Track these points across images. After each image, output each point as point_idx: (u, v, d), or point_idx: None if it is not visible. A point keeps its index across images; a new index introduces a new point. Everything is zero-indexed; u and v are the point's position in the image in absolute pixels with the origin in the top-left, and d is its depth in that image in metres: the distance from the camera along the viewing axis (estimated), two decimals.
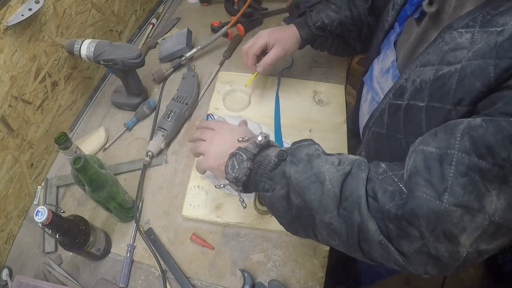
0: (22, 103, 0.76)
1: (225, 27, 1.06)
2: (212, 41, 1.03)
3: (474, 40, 0.40)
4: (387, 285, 1.52)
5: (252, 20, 1.14)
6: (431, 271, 0.39)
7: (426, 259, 0.39)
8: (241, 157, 0.50)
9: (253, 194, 0.76)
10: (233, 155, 0.51)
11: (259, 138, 0.51)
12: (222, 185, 0.59)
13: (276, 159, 0.48)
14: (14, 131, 0.75)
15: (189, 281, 0.68)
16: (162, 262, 0.71)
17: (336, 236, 0.44)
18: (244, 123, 0.66)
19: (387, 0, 0.64)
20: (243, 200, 0.58)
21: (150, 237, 0.74)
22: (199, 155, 0.61)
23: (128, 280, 0.70)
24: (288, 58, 0.96)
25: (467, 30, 0.41)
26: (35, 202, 0.82)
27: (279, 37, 0.79)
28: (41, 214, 0.54)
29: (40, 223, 0.54)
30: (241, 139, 0.55)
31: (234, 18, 1.06)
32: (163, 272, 0.69)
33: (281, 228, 0.73)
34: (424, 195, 0.37)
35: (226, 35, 1.09)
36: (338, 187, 0.42)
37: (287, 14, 1.17)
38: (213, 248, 0.73)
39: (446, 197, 0.35)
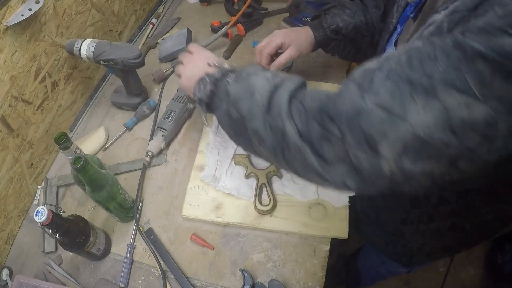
0: (22, 103, 0.76)
1: (225, 27, 1.06)
2: (212, 41, 1.03)
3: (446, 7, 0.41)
4: (387, 285, 1.51)
5: (252, 20, 1.14)
6: (349, 183, 0.38)
7: (346, 168, 0.37)
8: (206, 81, 0.55)
9: (253, 194, 0.76)
10: (200, 79, 0.56)
11: (226, 65, 0.57)
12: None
13: (227, 78, 0.52)
14: (14, 131, 0.75)
15: (189, 281, 0.68)
16: (162, 262, 0.71)
17: (263, 144, 0.45)
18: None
19: (393, 4, 0.67)
20: (206, 119, 0.68)
21: (150, 237, 0.74)
22: (179, 76, 0.67)
23: (128, 280, 0.70)
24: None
25: (444, 7, 0.42)
26: (35, 202, 0.82)
27: (294, 38, 0.79)
28: (41, 214, 0.54)
29: (40, 223, 0.54)
30: (211, 64, 0.59)
31: (234, 18, 1.06)
32: (163, 272, 0.69)
33: (281, 228, 0.73)
34: (350, 93, 0.37)
35: (226, 35, 1.09)
36: (266, 96, 0.44)
37: (287, 14, 1.16)
38: (213, 248, 0.73)
39: (369, 96, 0.35)
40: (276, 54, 0.81)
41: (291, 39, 0.79)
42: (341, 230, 0.72)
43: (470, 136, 0.31)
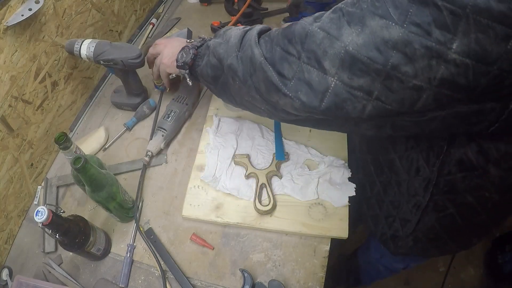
0: (22, 103, 0.76)
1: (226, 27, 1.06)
2: None
3: None
4: (387, 285, 1.52)
5: (252, 20, 1.14)
6: (302, 97, 0.45)
7: (300, 83, 0.45)
8: (188, 48, 0.66)
9: (253, 194, 0.76)
10: (182, 48, 0.67)
11: (203, 35, 0.68)
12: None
13: (209, 38, 0.65)
14: (14, 131, 0.75)
15: (189, 281, 0.68)
16: (162, 262, 0.71)
17: (236, 77, 0.54)
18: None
19: None
20: (190, 80, 0.70)
21: (150, 237, 0.74)
22: (155, 67, 0.79)
23: (128, 280, 0.70)
24: None
25: None
26: (35, 202, 0.82)
27: None
28: (41, 214, 0.54)
29: (40, 223, 0.54)
30: (189, 41, 0.69)
31: (234, 18, 1.06)
32: (163, 272, 0.69)
33: (281, 228, 0.73)
34: (304, 21, 0.46)
35: None
36: (239, 37, 0.55)
37: (287, 14, 1.16)
38: (213, 248, 0.73)
39: (316, 23, 0.44)
40: None
41: None
42: (341, 230, 0.72)
43: (391, 54, 0.37)
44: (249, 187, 0.78)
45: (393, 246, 0.78)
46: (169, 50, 0.73)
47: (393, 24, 0.37)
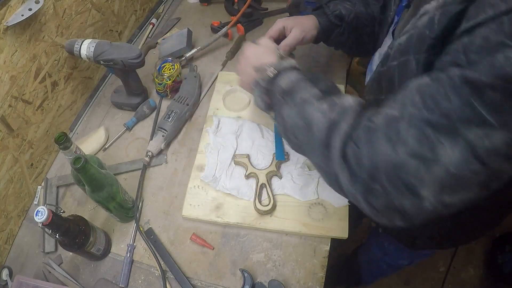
0: (22, 103, 0.76)
1: (225, 27, 1.06)
2: (212, 41, 1.03)
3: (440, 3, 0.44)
4: (387, 285, 1.51)
5: (252, 20, 1.14)
6: (398, 223, 0.41)
7: (393, 212, 0.40)
8: (259, 91, 0.60)
9: (253, 194, 0.76)
10: (254, 86, 0.61)
11: (268, 72, 0.58)
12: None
13: (280, 97, 0.55)
14: (14, 131, 0.75)
15: (189, 281, 0.68)
16: (162, 262, 0.71)
17: (325, 176, 0.48)
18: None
19: None
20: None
21: (150, 237, 0.74)
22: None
23: (128, 280, 0.70)
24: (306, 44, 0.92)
25: None
26: (35, 202, 0.82)
27: (298, 21, 0.78)
28: (41, 214, 0.54)
29: (40, 223, 0.54)
30: (257, 68, 0.61)
31: (235, 18, 1.06)
32: (163, 272, 0.69)
33: (281, 228, 0.73)
34: (382, 149, 0.39)
35: (226, 35, 1.09)
36: (324, 134, 0.45)
37: (287, 14, 1.16)
38: (213, 248, 0.73)
39: (400, 148, 0.37)
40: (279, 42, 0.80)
41: (294, 22, 0.78)
42: (341, 230, 0.72)
43: (495, 161, 0.34)
44: (249, 187, 0.78)
45: (410, 242, 0.79)
46: (242, 77, 0.69)
47: (492, 129, 0.33)
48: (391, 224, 0.42)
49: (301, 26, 0.77)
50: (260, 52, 0.65)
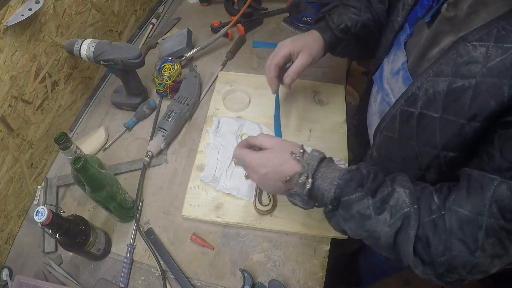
0: (22, 103, 0.76)
1: (225, 27, 1.06)
2: (212, 41, 1.03)
3: (488, 55, 0.41)
4: (387, 285, 1.51)
5: (252, 20, 1.14)
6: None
7: (461, 282, 0.47)
8: (300, 202, 0.55)
9: (253, 194, 0.76)
10: (290, 197, 0.56)
11: (300, 180, 0.53)
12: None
13: (330, 206, 0.52)
14: (14, 131, 0.75)
15: (189, 281, 0.68)
16: (162, 262, 0.71)
17: (389, 257, 0.52)
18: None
19: (397, 1, 0.64)
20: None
21: (150, 237, 0.74)
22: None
23: (128, 280, 0.70)
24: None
25: (481, 43, 0.42)
26: (35, 202, 0.82)
27: (304, 43, 0.73)
28: (41, 214, 0.54)
29: (40, 223, 0.54)
30: (284, 181, 0.55)
31: (235, 18, 1.06)
32: (163, 272, 0.69)
33: (281, 228, 0.73)
34: (460, 253, 0.43)
35: (226, 35, 1.09)
36: (392, 241, 0.48)
37: (287, 14, 1.16)
38: (213, 248, 0.73)
39: (478, 253, 0.42)
40: (284, 69, 0.75)
41: (300, 45, 0.72)
42: None
43: None
44: (249, 187, 0.77)
45: None
46: (263, 184, 0.60)
47: None
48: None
49: (309, 50, 0.73)
50: (274, 161, 0.57)
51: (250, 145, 0.63)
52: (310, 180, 0.52)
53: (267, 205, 0.73)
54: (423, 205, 0.47)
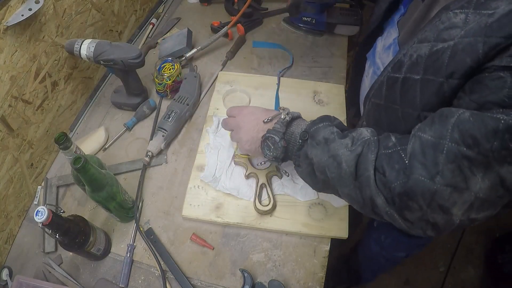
0: (22, 103, 0.76)
1: (226, 27, 1.06)
2: (212, 41, 1.03)
3: (467, 20, 0.43)
4: (387, 285, 1.52)
5: (252, 20, 1.14)
6: (430, 233, 0.47)
7: (425, 225, 0.46)
8: (273, 139, 0.60)
9: (253, 194, 0.76)
10: (266, 138, 0.61)
11: (282, 116, 0.61)
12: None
13: (300, 140, 0.57)
14: (14, 131, 0.75)
15: (189, 281, 0.68)
16: (162, 262, 0.71)
17: (355, 203, 0.53)
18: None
19: None
20: (285, 171, 0.72)
21: (150, 237, 0.74)
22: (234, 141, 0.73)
23: (128, 280, 0.70)
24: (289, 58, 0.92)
25: (461, 11, 0.44)
26: (35, 202, 0.82)
27: None
28: (41, 214, 0.54)
29: (40, 223, 0.54)
30: (266, 120, 0.63)
31: (235, 18, 1.06)
32: (163, 272, 0.69)
33: (281, 228, 0.73)
34: (420, 177, 0.43)
35: (226, 35, 1.09)
36: (353, 167, 0.50)
37: (287, 14, 1.16)
38: (213, 248, 0.73)
39: (437, 179, 0.42)
40: None
41: None
42: (341, 230, 0.72)
43: None
44: (249, 187, 0.78)
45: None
46: (246, 136, 0.67)
47: None
48: (423, 234, 0.48)
49: None
50: (259, 110, 0.68)
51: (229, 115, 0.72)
52: (289, 116, 0.60)
53: (267, 205, 0.73)
54: (381, 141, 0.50)
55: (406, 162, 0.45)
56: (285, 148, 0.59)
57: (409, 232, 0.50)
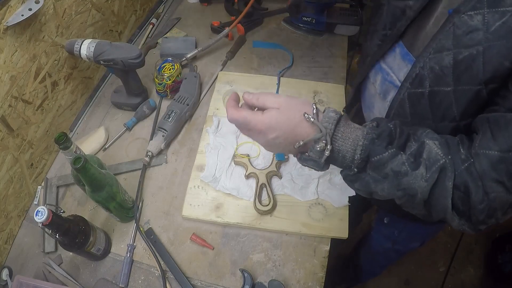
0: (22, 103, 0.76)
1: (227, 28, 1.06)
2: (214, 42, 1.03)
3: (486, 21, 0.42)
4: (387, 285, 1.52)
5: (252, 20, 1.14)
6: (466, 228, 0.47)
7: (494, 222, 0.45)
8: (312, 163, 0.49)
9: (253, 194, 0.76)
10: (303, 162, 0.50)
11: (318, 146, 0.46)
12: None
13: (356, 169, 0.47)
14: (14, 131, 0.75)
15: (189, 281, 0.68)
16: (162, 262, 0.71)
17: (412, 211, 0.50)
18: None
19: None
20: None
21: (150, 237, 0.74)
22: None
23: (128, 280, 0.70)
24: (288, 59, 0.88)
25: (476, 12, 0.43)
26: (35, 202, 0.82)
27: None
28: (41, 214, 0.54)
29: (40, 223, 0.54)
30: (297, 146, 0.48)
31: (236, 20, 1.06)
32: (163, 272, 0.69)
33: (281, 228, 0.73)
34: (498, 194, 0.42)
35: (226, 35, 1.09)
36: (427, 194, 0.45)
37: (287, 14, 1.16)
38: (213, 248, 0.73)
39: None
40: None
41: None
42: (341, 230, 0.72)
43: None
44: (249, 187, 0.78)
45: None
46: (271, 149, 0.54)
47: None
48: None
49: None
50: (285, 123, 0.48)
51: (249, 105, 0.53)
52: (329, 147, 0.46)
53: (267, 205, 0.73)
54: (454, 155, 0.45)
55: (480, 184, 0.43)
56: (328, 166, 0.50)
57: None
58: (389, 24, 0.61)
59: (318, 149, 0.47)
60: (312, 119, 0.47)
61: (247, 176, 0.78)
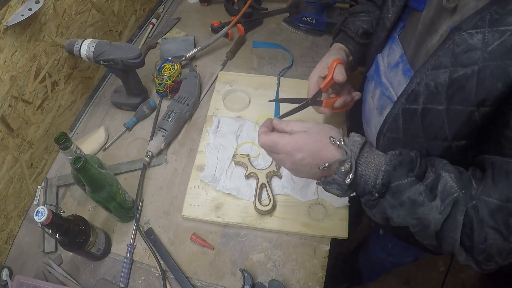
0: (22, 103, 0.76)
1: (226, 27, 1.06)
2: (212, 41, 1.03)
3: (486, 40, 0.41)
4: (387, 285, 1.52)
5: (252, 20, 1.14)
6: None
7: (495, 265, 0.47)
8: (336, 187, 0.51)
9: (253, 194, 0.76)
10: (327, 185, 0.52)
11: (343, 168, 0.49)
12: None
13: (376, 194, 0.49)
14: (14, 131, 0.75)
15: (189, 281, 0.68)
16: (162, 262, 0.71)
17: (430, 246, 0.51)
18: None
19: None
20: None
21: (150, 237, 0.74)
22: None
23: (128, 280, 0.70)
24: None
25: (477, 30, 0.42)
26: (35, 202, 0.82)
27: (329, 59, 0.72)
28: (41, 214, 0.54)
29: (40, 223, 0.54)
30: (322, 168, 0.51)
31: (235, 19, 1.06)
32: (163, 272, 0.69)
33: (281, 228, 0.73)
34: (495, 241, 0.43)
35: (226, 35, 1.09)
36: (439, 228, 0.46)
37: (287, 14, 1.16)
38: (213, 248, 0.73)
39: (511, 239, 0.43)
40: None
41: (327, 61, 0.72)
42: (341, 230, 0.72)
43: None
44: (249, 187, 0.78)
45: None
46: (297, 174, 0.57)
47: None
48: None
49: (336, 56, 0.72)
50: (311, 145, 0.52)
51: (278, 131, 0.57)
52: (353, 169, 0.48)
53: (267, 205, 0.73)
54: (467, 190, 0.46)
55: (481, 226, 0.44)
56: (351, 192, 0.52)
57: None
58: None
59: (343, 170, 0.49)
60: (338, 143, 0.50)
61: (247, 176, 0.78)
